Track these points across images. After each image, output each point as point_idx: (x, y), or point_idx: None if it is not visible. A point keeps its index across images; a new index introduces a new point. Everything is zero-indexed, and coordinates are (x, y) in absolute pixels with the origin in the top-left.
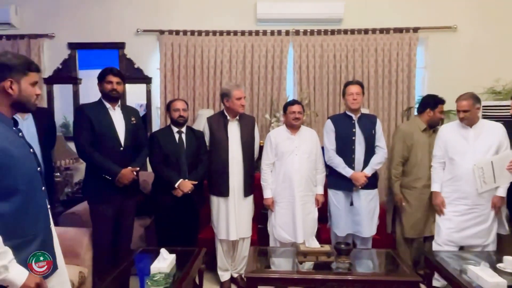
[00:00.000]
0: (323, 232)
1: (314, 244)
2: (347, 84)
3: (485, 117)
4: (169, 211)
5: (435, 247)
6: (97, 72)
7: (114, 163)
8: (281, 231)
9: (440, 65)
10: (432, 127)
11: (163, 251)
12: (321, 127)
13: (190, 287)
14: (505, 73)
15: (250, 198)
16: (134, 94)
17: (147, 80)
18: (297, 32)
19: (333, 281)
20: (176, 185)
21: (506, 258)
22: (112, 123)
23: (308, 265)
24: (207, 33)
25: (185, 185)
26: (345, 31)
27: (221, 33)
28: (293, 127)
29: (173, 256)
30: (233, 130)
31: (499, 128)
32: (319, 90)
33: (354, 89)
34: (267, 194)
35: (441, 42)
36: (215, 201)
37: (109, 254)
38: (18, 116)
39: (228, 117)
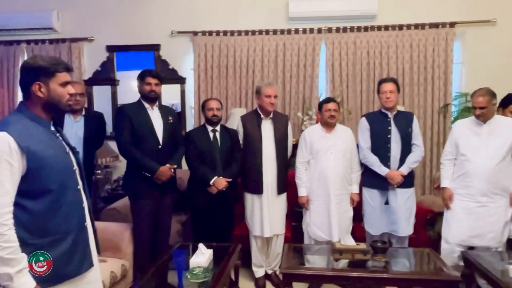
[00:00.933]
0: (358, 230)
1: (350, 242)
2: (381, 81)
3: None
4: (204, 208)
5: (443, 245)
6: (134, 73)
7: (153, 160)
8: (316, 229)
9: (478, 60)
10: None
11: (201, 246)
12: (354, 125)
13: (227, 282)
14: None
15: (284, 195)
16: (169, 94)
17: (181, 81)
18: (329, 30)
19: (369, 279)
20: (211, 182)
21: None
22: (150, 122)
23: (343, 263)
24: (239, 33)
25: (219, 182)
26: (379, 28)
27: (253, 32)
28: (328, 125)
29: (211, 251)
30: (267, 128)
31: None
32: (352, 88)
33: (388, 87)
34: (302, 192)
35: (479, 36)
36: (249, 198)
37: (149, 248)
38: (71, 117)
39: (262, 116)
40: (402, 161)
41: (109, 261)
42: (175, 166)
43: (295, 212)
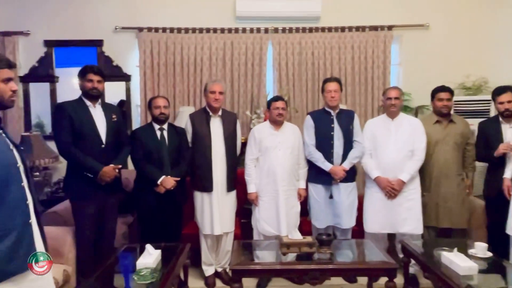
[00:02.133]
0: (305, 225)
1: (297, 236)
2: (325, 81)
3: (456, 111)
4: (152, 208)
5: (366, 230)
6: (75, 70)
7: (95, 160)
8: (265, 224)
9: (413, 62)
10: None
11: (148, 246)
12: (300, 123)
13: (175, 282)
14: (475, 69)
15: (233, 193)
16: (113, 92)
17: (126, 78)
18: (276, 30)
19: (315, 271)
20: (158, 182)
21: (477, 244)
22: (92, 120)
23: (291, 256)
24: (186, 30)
25: (167, 181)
26: (323, 29)
27: (201, 30)
28: (276, 123)
29: (159, 251)
30: (216, 126)
31: (417, 123)
32: (298, 87)
33: (332, 86)
34: (251, 188)
35: (414, 39)
36: (199, 196)
37: (92, 252)
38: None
39: (210, 113)
40: (344, 157)
41: None
42: (120, 166)
43: (244, 209)
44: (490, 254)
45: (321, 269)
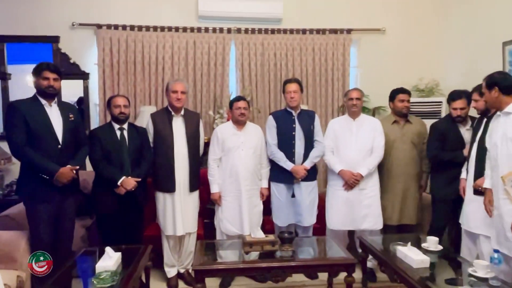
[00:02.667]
0: (267, 223)
1: (260, 235)
2: (286, 82)
3: (410, 112)
4: (112, 210)
5: (329, 227)
6: (29, 67)
7: (52, 161)
8: (228, 224)
9: (370, 64)
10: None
11: (108, 249)
12: (263, 123)
13: (137, 285)
14: (427, 72)
15: (196, 193)
16: (70, 90)
17: (84, 76)
18: (238, 30)
19: (278, 268)
20: (118, 183)
21: (429, 238)
22: (48, 120)
23: (254, 255)
24: (147, 28)
25: (128, 182)
26: (285, 31)
27: (162, 28)
28: (239, 123)
29: (119, 254)
30: (178, 125)
31: (377, 123)
32: (260, 87)
33: (292, 87)
34: (214, 188)
35: (371, 43)
36: (161, 197)
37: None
38: None
39: (173, 113)
40: (305, 156)
41: (2, 273)
42: (78, 167)
43: (207, 209)
44: (441, 247)
45: (283, 267)
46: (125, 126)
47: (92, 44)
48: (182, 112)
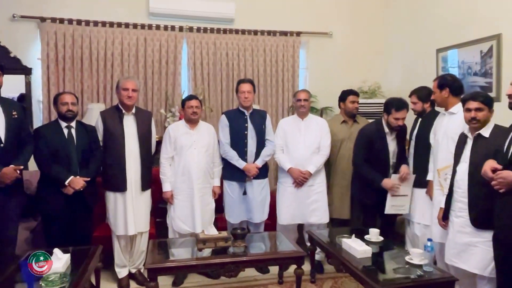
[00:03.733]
0: (220, 221)
1: (213, 232)
2: (240, 82)
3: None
4: (59, 211)
5: (279, 222)
6: None
7: None
8: (180, 223)
9: (319, 66)
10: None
11: (56, 251)
12: (215, 122)
13: (87, 286)
14: (370, 75)
15: (148, 192)
16: (10, 86)
17: (26, 71)
18: (190, 29)
19: (231, 263)
20: (66, 183)
21: (371, 230)
22: None
23: (207, 251)
24: (95, 23)
25: (76, 182)
26: (237, 31)
27: (111, 24)
28: (191, 122)
29: (68, 255)
30: (129, 124)
31: (324, 123)
32: (213, 86)
33: (246, 87)
34: (166, 187)
35: (319, 46)
36: (111, 196)
37: None
38: None
39: (123, 111)
40: (257, 154)
41: None
42: (22, 166)
43: (160, 208)
44: (381, 238)
45: (236, 262)
46: (73, 124)
47: (35, 37)
48: (134, 110)
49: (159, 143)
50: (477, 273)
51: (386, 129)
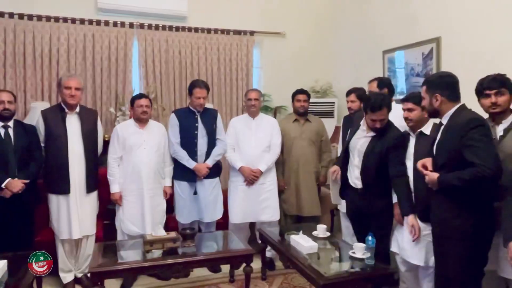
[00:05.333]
0: (171, 221)
1: (161, 233)
2: (194, 85)
3: (309, 111)
4: None
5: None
6: None
7: None
8: (130, 224)
9: (272, 66)
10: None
11: None
12: (168, 121)
13: None
14: (322, 75)
15: (94, 194)
16: None
17: None
18: (141, 26)
19: (179, 264)
20: (3, 185)
21: (319, 226)
22: None
23: (157, 253)
24: (39, 18)
25: (13, 184)
26: (189, 29)
27: (57, 19)
28: (141, 121)
29: (4, 262)
30: (73, 123)
31: (274, 122)
32: (165, 85)
33: (202, 93)
34: (114, 188)
35: (273, 46)
36: (54, 199)
37: None
38: None
39: (66, 110)
40: (208, 154)
41: None
42: None
43: (108, 210)
44: (328, 234)
45: (185, 262)
46: (11, 123)
47: None
48: (77, 109)
49: (108, 142)
50: (421, 265)
51: (364, 128)
